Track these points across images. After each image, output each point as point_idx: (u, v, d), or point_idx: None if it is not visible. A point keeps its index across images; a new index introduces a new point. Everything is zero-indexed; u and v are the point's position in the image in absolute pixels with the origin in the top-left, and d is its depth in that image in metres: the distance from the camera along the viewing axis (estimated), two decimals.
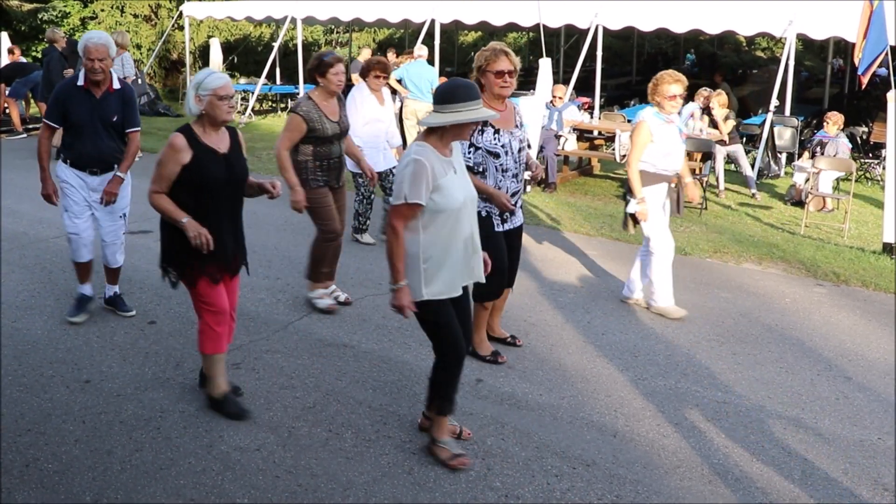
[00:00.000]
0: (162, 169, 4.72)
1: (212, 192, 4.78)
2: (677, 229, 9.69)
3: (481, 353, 5.85)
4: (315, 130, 6.26)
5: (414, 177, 4.12)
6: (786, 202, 11.57)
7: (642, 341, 6.29)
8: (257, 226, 9.26)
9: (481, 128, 5.35)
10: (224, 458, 4.51)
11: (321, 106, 6.32)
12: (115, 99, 6.12)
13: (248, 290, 7.08)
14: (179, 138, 4.70)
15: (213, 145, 4.79)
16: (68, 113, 6.01)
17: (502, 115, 5.46)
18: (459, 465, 4.46)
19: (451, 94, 4.15)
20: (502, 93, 5.39)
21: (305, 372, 5.60)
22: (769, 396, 5.43)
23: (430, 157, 4.18)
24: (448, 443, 4.54)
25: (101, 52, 5.92)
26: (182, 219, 4.67)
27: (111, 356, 5.80)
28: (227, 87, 4.74)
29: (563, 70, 21.26)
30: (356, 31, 28.05)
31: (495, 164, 5.42)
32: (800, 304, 7.24)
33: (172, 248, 4.85)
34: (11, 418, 4.90)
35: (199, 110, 4.72)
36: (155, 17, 24.91)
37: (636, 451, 4.70)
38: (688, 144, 11.58)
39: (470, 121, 4.17)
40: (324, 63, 6.28)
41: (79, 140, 6.07)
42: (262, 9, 19.45)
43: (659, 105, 6.55)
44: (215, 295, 4.88)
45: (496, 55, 5.32)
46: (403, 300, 4.19)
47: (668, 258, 6.76)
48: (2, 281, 7.23)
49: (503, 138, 5.42)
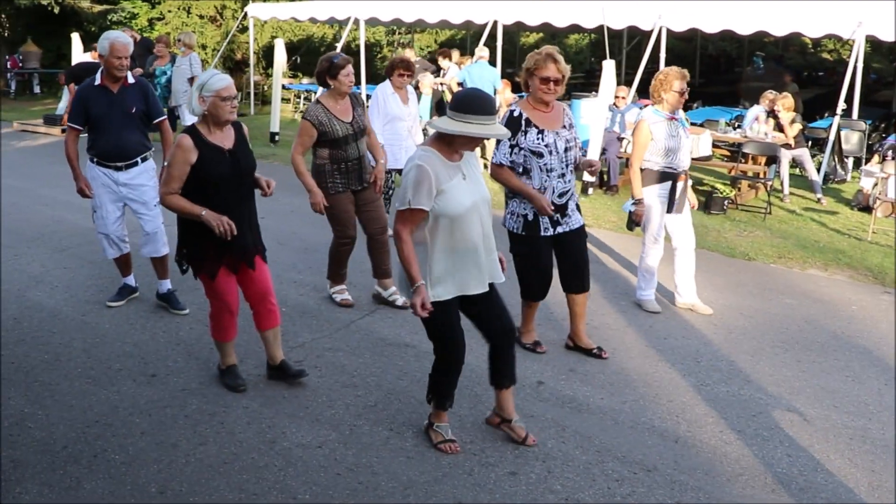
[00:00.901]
0: (172, 170, 4.90)
1: (221, 187, 4.95)
2: (741, 234, 9.58)
3: (524, 340, 6.01)
4: (326, 134, 6.29)
5: (416, 182, 4.15)
6: (852, 207, 11.36)
7: (705, 346, 6.23)
8: (317, 225, 9.33)
9: (524, 129, 5.44)
10: (286, 454, 4.57)
11: (331, 108, 6.35)
12: (132, 92, 6.35)
13: (311, 289, 7.18)
14: (186, 139, 4.88)
15: (219, 143, 4.98)
16: (89, 110, 6.22)
17: (548, 115, 5.54)
18: (447, 450, 4.59)
19: (467, 104, 4.14)
20: (544, 98, 5.46)
21: (367, 370, 5.64)
22: (835, 405, 5.35)
23: (433, 162, 4.20)
24: (443, 428, 4.68)
25: (126, 51, 6.19)
26: (200, 212, 4.85)
27: (177, 351, 5.89)
28: (230, 88, 4.92)
29: (626, 72, 21.11)
30: (418, 31, 28.11)
31: (539, 164, 5.47)
32: (867, 312, 7.11)
33: (187, 241, 5.09)
34: (80, 409, 5.01)
35: (203, 110, 4.90)
36: (220, 17, 25.22)
37: (698, 458, 4.66)
38: (752, 148, 11.51)
39: (478, 136, 4.18)
40: (334, 65, 6.31)
41: (101, 135, 6.29)
42: (326, 10, 19.56)
43: (664, 101, 6.54)
44: (224, 290, 5.11)
45: (545, 61, 5.37)
46: (417, 299, 4.21)
47: (655, 262, 6.87)
48: (46, 271, 7.41)
49: (547, 138, 5.47)
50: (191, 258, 5.09)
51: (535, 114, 5.51)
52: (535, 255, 5.68)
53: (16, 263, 7.74)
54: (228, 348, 5.37)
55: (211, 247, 4.96)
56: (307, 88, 20.07)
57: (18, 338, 6.05)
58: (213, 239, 4.90)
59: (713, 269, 8.17)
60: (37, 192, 10.70)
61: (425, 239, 4.29)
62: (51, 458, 4.47)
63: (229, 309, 5.16)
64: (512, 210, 5.67)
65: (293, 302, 6.85)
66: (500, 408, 4.81)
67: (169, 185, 4.90)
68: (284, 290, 7.07)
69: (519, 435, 4.74)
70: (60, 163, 9.98)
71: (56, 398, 5.16)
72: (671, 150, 6.51)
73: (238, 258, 5.09)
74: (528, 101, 5.59)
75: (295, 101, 20.68)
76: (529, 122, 5.47)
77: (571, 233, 5.72)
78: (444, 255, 4.30)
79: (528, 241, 5.65)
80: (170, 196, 4.91)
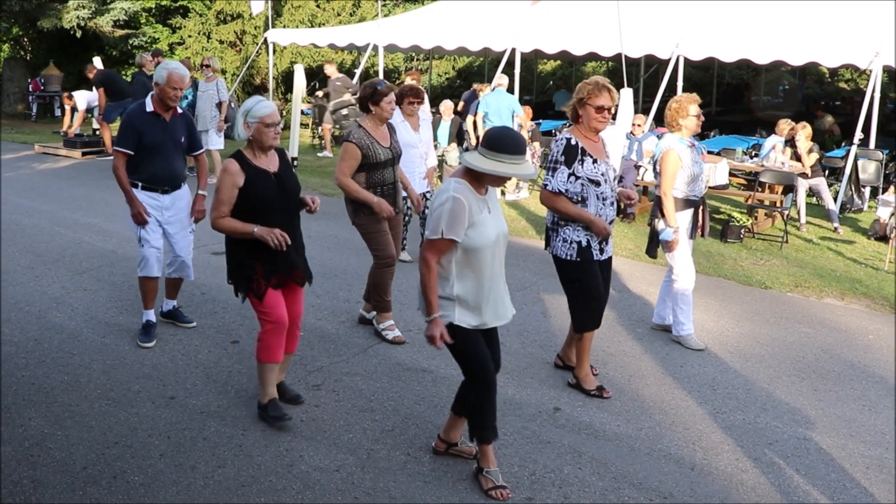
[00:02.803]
0: (220, 194, 5.01)
1: (267, 209, 5.05)
2: (757, 262, 9.58)
3: (586, 386, 5.82)
4: (368, 157, 6.35)
5: (452, 214, 4.20)
6: (869, 237, 11.35)
7: (721, 374, 6.23)
8: (338, 249, 9.41)
9: (581, 157, 5.46)
10: (304, 477, 4.59)
11: (373, 133, 6.43)
12: (180, 122, 6.49)
13: (329, 314, 7.21)
14: (233, 164, 5.01)
15: (264, 166, 5.10)
16: (143, 136, 6.27)
17: (596, 146, 5.61)
18: (500, 497, 4.46)
19: (498, 143, 4.20)
20: (598, 126, 5.51)
21: (384, 395, 5.67)
22: (851, 435, 5.35)
23: (467, 195, 4.26)
24: (493, 473, 4.55)
25: (183, 83, 6.28)
26: (253, 229, 4.96)
27: (195, 374, 5.94)
28: (274, 115, 5.03)
29: (643, 100, 21.18)
30: (436, 58, 28.29)
31: (596, 193, 5.51)
32: (884, 341, 7.10)
33: (236, 263, 5.17)
34: (100, 431, 5.05)
35: (248, 136, 5.03)
36: (240, 42, 25.48)
37: (714, 486, 4.66)
38: (769, 177, 11.52)
39: (509, 175, 4.24)
40: (378, 92, 6.39)
41: (152, 161, 6.34)
42: (345, 36, 19.74)
43: (682, 128, 6.55)
44: (274, 305, 5.14)
45: (599, 90, 5.43)
46: (436, 331, 4.25)
47: (690, 286, 6.75)
48: (67, 293, 7.48)
49: (601, 167, 5.53)
50: (240, 280, 5.17)
51: (587, 143, 5.54)
52: (589, 280, 5.62)
53: (37, 285, 7.81)
54: (273, 375, 5.28)
55: (259, 266, 5.07)
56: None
57: (39, 359, 6.10)
58: (260, 258, 5.03)
59: (729, 298, 8.18)
60: (58, 215, 10.80)
61: (448, 270, 4.34)
62: (70, 479, 4.51)
63: (282, 325, 5.17)
64: (565, 237, 5.60)
65: (311, 326, 6.89)
66: (447, 432, 4.84)
67: (219, 210, 5.02)
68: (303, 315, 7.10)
69: (469, 453, 4.81)
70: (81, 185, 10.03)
71: (76, 419, 5.20)
72: (696, 176, 6.53)
73: (285, 276, 5.20)
74: (578, 129, 5.60)
75: (314, 126, 20.80)
76: (585, 151, 5.50)
77: (607, 260, 5.78)
78: (466, 286, 4.34)
79: (582, 268, 5.61)
80: (220, 220, 5.03)
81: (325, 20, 24.98)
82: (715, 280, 8.80)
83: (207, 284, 6.65)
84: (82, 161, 15.81)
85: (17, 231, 9.78)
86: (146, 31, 25.16)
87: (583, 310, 5.70)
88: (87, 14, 21.70)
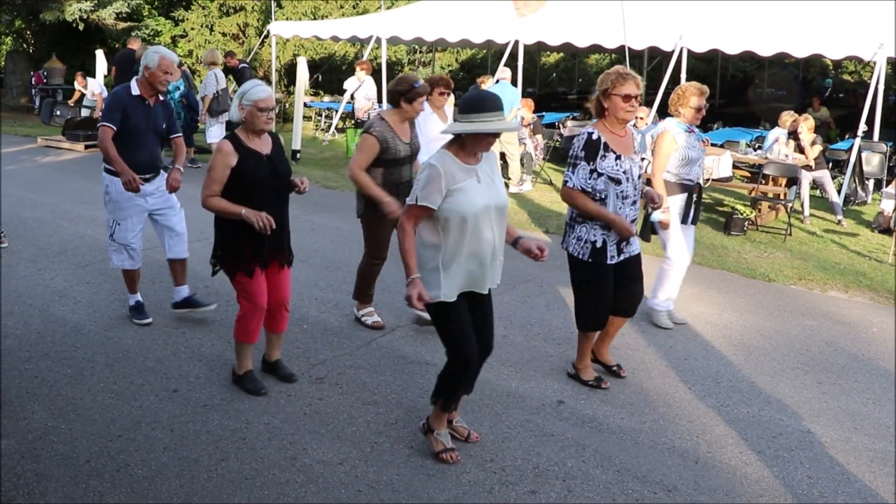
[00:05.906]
0: (212, 173, 5.14)
1: (258, 189, 5.18)
2: (761, 255, 9.57)
3: (584, 377, 5.82)
4: (387, 151, 6.23)
5: (427, 181, 4.27)
6: (873, 229, 11.33)
7: (725, 367, 6.23)
8: (341, 242, 9.39)
9: (603, 153, 5.29)
10: (307, 470, 4.59)
11: (394, 127, 6.31)
12: (161, 108, 6.51)
13: (332, 307, 7.21)
14: (226, 144, 5.17)
15: (257, 148, 5.23)
16: (126, 119, 6.27)
17: (623, 140, 5.40)
18: (448, 459, 4.64)
19: (471, 105, 4.26)
20: (627, 117, 5.31)
21: (388, 388, 5.67)
22: (855, 427, 5.34)
23: (447, 163, 4.31)
24: (443, 435, 4.73)
25: (173, 68, 6.34)
26: (240, 210, 5.08)
27: (198, 367, 5.94)
28: (268, 100, 5.15)
29: (647, 92, 21.13)
30: (439, 51, 28.24)
31: (616, 191, 5.33)
32: (887, 334, 7.09)
33: (222, 243, 5.30)
34: (103, 424, 5.05)
35: (241, 118, 5.16)
36: (243, 35, 25.44)
37: (718, 479, 4.65)
38: (773, 169, 11.49)
39: (487, 131, 4.24)
40: (415, 91, 6.22)
41: (133, 147, 6.32)
42: (348, 28, 19.71)
43: (682, 116, 6.60)
44: (255, 287, 5.30)
45: (623, 79, 5.23)
46: (413, 291, 4.27)
47: (682, 267, 6.82)
48: (70, 286, 7.49)
49: (624, 164, 5.34)
50: (226, 259, 5.29)
51: (612, 138, 5.35)
52: (599, 283, 5.50)
53: (39, 278, 7.81)
54: (249, 351, 5.53)
55: (248, 246, 5.19)
56: (328, 106, 20.17)
57: (42, 352, 6.10)
58: (249, 239, 5.15)
59: (733, 290, 8.17)
60: (60, 208, 10.79)
61: (439, 241, 4.36)
62: (74, 472, 4.51)
63: (261, 309, 5.35)
64: (579, 235, 5.47)
65: (314, 319, 6.89)
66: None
67: (210, 188, 5.13)
68: (305, 308, 7.11)
69: (461, 434, 4.90)
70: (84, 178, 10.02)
71: (79, 412, 5.20)
72: (691, 160, 6.53)
73: (272, 257, 5.34)
74: (602, 123, 5.40)
75: (316, 118, 20.79)
76: (607, 147, 5.30)
77: (632, 259, 5.60)
78: (454, 255, 4.36)
79: (593, 269, 5.47)
80: (210, 198, 5.14)
81: (327, 12, 24.92)
82: (718, 273, 8.78)
83: (210, 278, 6.64)
84: (85, 154, 15.78)
85: (19, 224, 9.77)
86: (149, 23, 25.13)
87: (587, 310, 5.64)
88: (90, 6, 21.64)
